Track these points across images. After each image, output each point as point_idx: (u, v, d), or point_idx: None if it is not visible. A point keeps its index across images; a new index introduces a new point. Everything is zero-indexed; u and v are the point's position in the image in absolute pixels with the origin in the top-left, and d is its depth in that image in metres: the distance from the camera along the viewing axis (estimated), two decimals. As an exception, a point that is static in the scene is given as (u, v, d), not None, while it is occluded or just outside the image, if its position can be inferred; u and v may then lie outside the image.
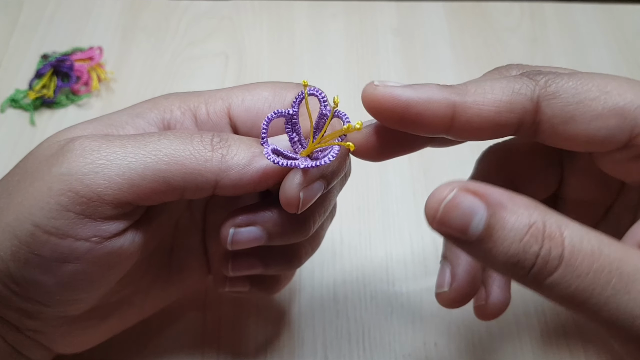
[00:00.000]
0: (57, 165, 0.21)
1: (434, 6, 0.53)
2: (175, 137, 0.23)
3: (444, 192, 0.18)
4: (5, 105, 0.44)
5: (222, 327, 0.34)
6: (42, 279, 0.22)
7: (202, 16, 0.51)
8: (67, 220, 0.21)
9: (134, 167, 0.21)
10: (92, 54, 0.46)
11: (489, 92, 0.21)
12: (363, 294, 0.36)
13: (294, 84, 0.27)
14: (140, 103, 0.26)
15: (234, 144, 0.23)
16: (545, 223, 0.18)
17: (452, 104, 0.21)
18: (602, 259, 0.18)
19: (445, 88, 0.22)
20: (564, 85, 0.21)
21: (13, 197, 0.22)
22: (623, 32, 0.51)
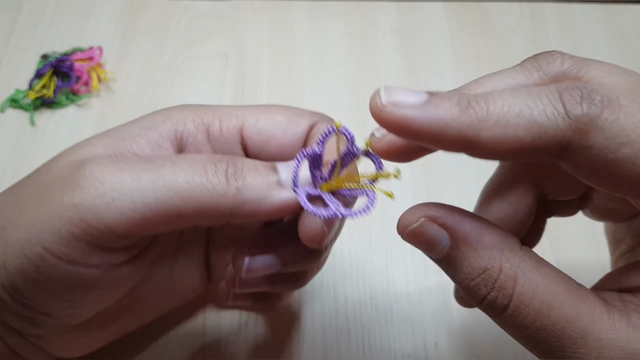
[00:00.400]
0: (69, 192, 0.21)
1: (434, 6, 0.53)
2: (190, 167, 0.22)
3: (411, 219, 0.20)
4: (5, 105, 0.44)
5: (222, 328, 0.35)
6: (48, 297, 0.23)
7: (202, 16, 0.51)
8: (77, 248, 0.21)
9: (147, 201, 0.21)
10: (92, 54, 0.46)
11: (511, 126, 0.18)
12: (363, 294, 0.36)
13: (307, 112, 0.26)
14: (153, 114, 0.26)
15: (249, 175, 0.22)
16: (502, 270, 0.19)
17: (466, 138, 0.18)
18: (548, 319, 0.18)
19: (462, 110, 0.18)
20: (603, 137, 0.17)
21: (23, 214, 0.22)
22: (623, 32, 0.51)
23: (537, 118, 0.18)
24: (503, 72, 0.22)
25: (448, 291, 0.36)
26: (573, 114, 0.17)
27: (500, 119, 0.18)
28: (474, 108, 0.18)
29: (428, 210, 0.20)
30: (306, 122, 0.26)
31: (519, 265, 0.19)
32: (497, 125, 0.18)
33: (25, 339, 0.25)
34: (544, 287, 0.19)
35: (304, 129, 0.26)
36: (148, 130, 0.25)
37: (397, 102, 0.19)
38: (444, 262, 0.20)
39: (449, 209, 0.20)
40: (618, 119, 0.17)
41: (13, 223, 0.22)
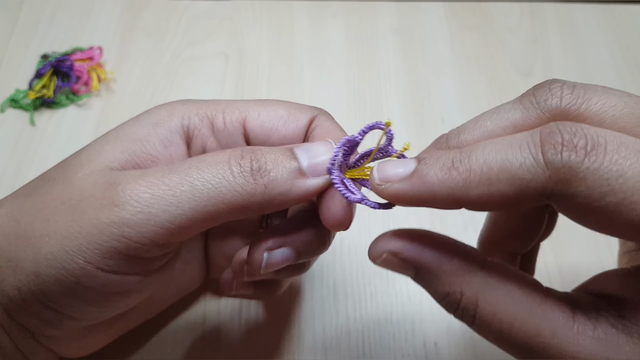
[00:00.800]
0: (106, 211, 0.22)
1: (434, 6, 0.53)
2: (216, 170, 0.22)
3: (375, 254, 0.22)
4: (5, 105, 0.44)
5: (222, 328, 0.35)
6: (83, 304, 0.24)
7: (202, 16, 0.51)
8: (119, 260, 0.22)
9: (183, 212, 0.22)
10: (92, 54, 0.46)
11: (494, 183, 0.18)
12: (363, 294, 0.36)
13: (307, 107, 0.27)
14: (156, 109, 0.26)
15: (273, 169, 0.23)
16: (463, 294, 0.20)
17: (456, 199, 0.19)
18: (509, 336, 0.19)
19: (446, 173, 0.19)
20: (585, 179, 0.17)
21: (53, 226, 0.22)
22: (623, 32, 0.51)
23: (517, 172, 0.18)
24: (501, 109, 0.22)
25: (448, 291, 0.36)
26: (553, 165, 0.17)
27: (483, 178, 0.18)
28: (457, 169, 0.19)
29: (389, 244, 0.21)
30: (306, 116, 0.27)
31: (479, 289, 0.20)
32: (481, 184, 0.19)
33: (36, 340, 0.25)
34: (504, 306, 0.20)
35: (304, 122, 0.27)
36: (157, 128, 0.26)
37: (388, 178, 0.20)
38: (416, 281, 0.22)
39: (411, 240, 0.21)
40: (601, 167, 0.17)
41: (42, 234, 0.22)
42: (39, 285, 0.22)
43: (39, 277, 0.22)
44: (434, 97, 0.47)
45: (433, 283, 0.21)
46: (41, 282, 0.22)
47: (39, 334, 0.25)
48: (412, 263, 0.21)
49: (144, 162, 0.25)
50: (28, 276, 0.22)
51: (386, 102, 0.46)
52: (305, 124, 0.27)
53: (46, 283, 0.22)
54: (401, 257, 0.21)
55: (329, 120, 0.27)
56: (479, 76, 0.48)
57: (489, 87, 0.47)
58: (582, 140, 0.17)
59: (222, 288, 0.30)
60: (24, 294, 0.23)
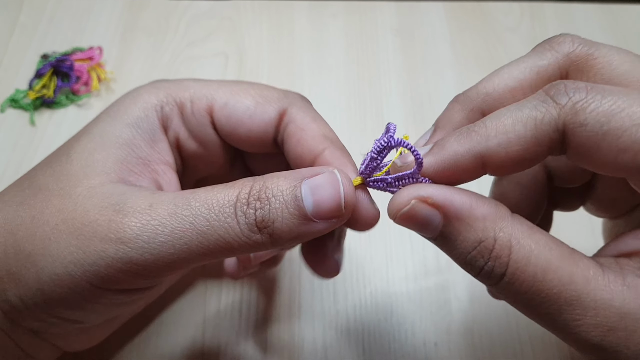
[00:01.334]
0: (114, 246, 0.22)
1: (434, 6, 0.53)
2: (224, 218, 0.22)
3: (401, 202, 0.21)
4: (5, 105, 0.44)
5: (222, 328, 0.35)
6: (90, 315, 0.24)
7: (202, 16, 0.51)
8: (127, 281, 0.22)
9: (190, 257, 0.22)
10: (92, 54, 0.46)
11: (511, 130, 0.20)
12: (363, 294, 0.36)
13: (276, 96, 0.27)
14: (127, 102, 0.26)
15: (277, 219, 0.22)
16: (497, 239, 0.20)
17: (479, 155, 0.20)
18: (543, 283, 0.19)
19: (464, 136, 0.21)
20: (593, 112, 0.19)
21: (54, 247, 0.22)
22: (623, 32, 0.51)
23: (531, 114, 0.20)
24: (518, 59, 0.24)
25: (448, 291, 0.36)
26: (562, 102, 0.20)
27: (500, 128, 0.20)
28: (474, 130, 0.20)
29: (417, 191, 0.21)
30: (274, 108, 0.26)
31: (512, 234, 0.20)
32: (499, 134, 0.20)
33: (40, 337, 0.26)
34: (537, 253, 0.19)
35: (272, 116, 0.26)
36: (139, 129, 0.26)
37: (408, 160, 0.22)
38: (438, 240, 0.21)
39: (438, 187, 0.21)
40: (602, 100, 0.19)
41: (43, 253, 0.22)
42: (44, 299, 0.23)
43: (44, 293, 0.22)
44: (434, 97, 0.47)
45: (463, 231, 0.20)
46: (47, 297, 0.23)
47: (42, 333, 0.25)
48: (443, 208, 0.20)
49: (136, 166, 0.25)
50: (31, 291, 0.23)
51: (386, 101, 0.46)
52: (273, 118, 0.26)
53: (52, 299, 0.23)
54: (431, 202, 0.20)
55: (301, 112, 0.26)
56: (479, 76, 0.48)
57: (489, 87, 0.47)
58: (582, 85, 0.20)
59: (230, 273, 0.31)
60: (28, 305, 0.23)
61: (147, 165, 0.26)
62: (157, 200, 0.22)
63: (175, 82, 0.27)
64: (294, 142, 0.26)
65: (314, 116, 0.27)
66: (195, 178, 0.30)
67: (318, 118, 0.27)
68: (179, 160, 0.29)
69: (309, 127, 0.26)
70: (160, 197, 0.22)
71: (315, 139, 0.25)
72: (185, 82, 0.27)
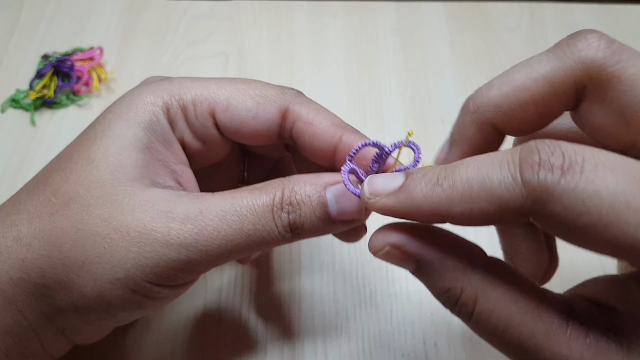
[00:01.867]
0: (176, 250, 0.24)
1: (434, 6, 0.53)
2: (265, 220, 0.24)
3: (376, 246, 0.22)
4: (5, 105, 0.44)
5: (222, 328, 0.35)
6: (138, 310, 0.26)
7: (202, 16, 0.51)
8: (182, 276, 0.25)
9: (236, 254, 0.25)
10: (92, 54, 0.46)
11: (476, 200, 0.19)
12: (363, 294, 0.36)
13: (276, 94, 0.28)
14: (135, 104, 0.27)
15: (307, 222, 0.25)
16: (463, 290, 0.20)
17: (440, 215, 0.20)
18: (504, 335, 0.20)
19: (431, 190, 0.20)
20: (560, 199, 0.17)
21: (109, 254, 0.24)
22: (623, 32, 0.51)
23: (496, 191, 0.18)
24: (532, 61, 0.22)
25: (448, 291, 0.36)
26: (530, 185, 0.17)
27: (465, 195, 0.19)
28: (441, 186, 0.19)
29: (391, 237, 0.22)
30: (276, 108, 0.27)
31: (479, 286, 0.20)
32: (463, 201, 0.19)
33: (64, 335, 0.26)
34: (502, 305, 0.20)
35: (274, 115, 0.27)
36: (154, 132, 0.27)
37: (377, 192, 0.21)
38: (416, 275, 0.22)
39: (413, 233, 0.21)
40: (577, 187, 0.17)
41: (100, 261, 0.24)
42: (104, 305, 0.24)
43: (103, 299, 0.24)
44: (434, 97, 0.47)
45: (433, 278, 0.21)
46: (106, 303, 0.24)
47: (70, 330, 0.26)
48: (414, 257, 0.21)
49: (160, 168, 0.27)
50: (89, 298, 0.24)
51: (386, 101, 0.46)
52: (275, 117, 0.27)
53: (112, 303, 0.24)
54: (403, 251, 0.21)
55: (303, 107, 0.27)
56: (479, 76, 0.48)
57: (488, 87, 0.47)
58: (559, 159, 0.17)
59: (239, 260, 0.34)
60: (82, 311, 0.24)
61: (167, 167, 0.27)
62: (205, 206, 0.24)
63: (174, 83, 0.28)
64: (308, 138, 0.27)
65: (317, 108, 0.27)
66: (196, 168, 0.30)
67: (321, 109, 0.27)
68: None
69: (316, 120, 0.27)
70: (205, 202, 0.25)
71: (327, 130, 0.27)
72: (184, 82, 0.28)
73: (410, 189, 0.20)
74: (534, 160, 0.18)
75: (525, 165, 0.18)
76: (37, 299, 0.24)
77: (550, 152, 0.18)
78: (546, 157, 0.17)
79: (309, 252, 0.38)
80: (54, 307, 0.24)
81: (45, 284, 0.24)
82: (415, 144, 0.24)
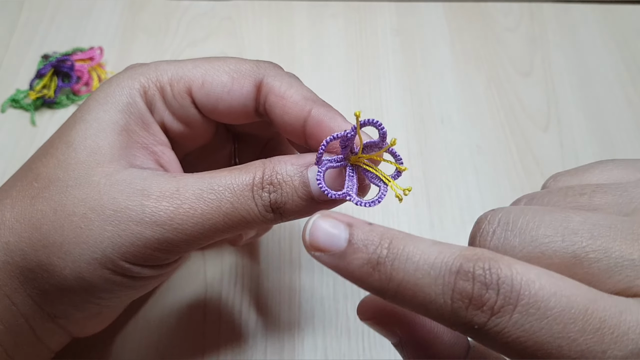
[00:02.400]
0: (151, 229, 0.24)
1: (434, 6, 0.53)
2: (244, 199, 0.24)
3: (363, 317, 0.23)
4: (6, 105, 0.44)
5: (222, 328, 0.35)
6: (122, 291, 0.26)
7: (202, 16, 0.51)
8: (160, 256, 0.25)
9: (215, 235, 0.25)
10: (92, 54, 0.46)
11: (407, 302, 0.19)
12: (363, 294, 0.36)
13: (249, 67, 0.27)
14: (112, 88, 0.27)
15: (289, 201, 0.25)
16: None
17: (378, 294, 0.19)
18: None
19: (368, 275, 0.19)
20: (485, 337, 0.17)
21: (86, 234, 0.24)
22: (623, 32, 0.51)
23: (428, 306, 0.18)
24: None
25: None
26: (458, 319, 0.17)
27: (399, 293, 0.18)
28: (379, 272, 0.19)
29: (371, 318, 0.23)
30: (250, 82, 0.27)
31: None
32: (396, 297, 0.19)
33: (57, 324, 0.26)
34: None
35: (249, 89, 0.27)
36: (131, 115, 0.27)
37: (318, 246, 0.20)
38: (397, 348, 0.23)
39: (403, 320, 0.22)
40: (503, 331, 0.17)
41: (77, 241, 0.24)
42: (85, 286, 0.24)
43: (84, 280, 0.24)
44: (434, 97, 0.47)
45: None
46: (87, 283, 0.24)
47: (61, 318, 0.26)
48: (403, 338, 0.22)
49: (138, 150, 0.27)
50: (69, 279, 0.24)
51: (386, 101, 0.46)
52: (251, 91, 0.27)
53: (93, 283, 0.24)
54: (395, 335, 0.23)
55: (277, 81, 0.27)
56: (479, 76, 0.48)
57: (488, 87, 0.48)
58: (492, 297, 0.17)
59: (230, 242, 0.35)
60: (65, 292, 0.24)
61: (146, 149, 0.27)
62: (182, 184, 0.24)
63: (151, 66, 0.28)
64: (279, 111, 0.26)
65: (290, 81, 0.27)
66: (183, 153, 0.30)
67: (294, 82, 0.27)
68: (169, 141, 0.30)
69: (288, 94, 0.26)
70: (182, 181, 0.24)
71: (297, 103, 0.26)
72: (161, 64, 0.28)
73: (349, 261, 0.19)
74: (466, 291, 0.17)
75: (457, 295, 0.17)
76: (23, 283, 0.24)
77: (485, 283, 0.17)
78: (479, 291, 0.17)
79: (309, 252, 0.38)
80: (40, 290, 0.24)
81: (28, 266, 0.24)
82: (373, 120, 0.22)
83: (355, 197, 0.23)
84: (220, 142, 0.32)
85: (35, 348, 0.26)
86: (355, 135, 0.23)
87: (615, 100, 0.47)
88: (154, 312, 0.35)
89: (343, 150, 0.24)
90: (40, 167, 0.25)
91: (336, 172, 0.25)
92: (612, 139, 0.45)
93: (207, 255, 0.37)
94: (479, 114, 0.46)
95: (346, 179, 0.24)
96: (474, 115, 0.46)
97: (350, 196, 0.23)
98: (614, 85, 0.48)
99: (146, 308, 0.35)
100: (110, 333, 0.34)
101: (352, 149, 0.24)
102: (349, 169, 0.24)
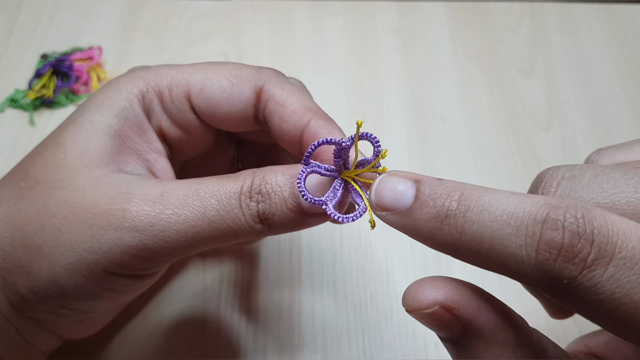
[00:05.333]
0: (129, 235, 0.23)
1: (434, 6, 0.53)
2: (231, 208, 0.23)
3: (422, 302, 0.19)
4: (4, 105, 0.44)
5: (222, 328, 0.34)
6: (101, 303, 0.25)
7: (202, 16, 0.51)
8: (140, 265, 0.23)
9: (200, 244, 0.23)
10: (91, 54, 0.46)
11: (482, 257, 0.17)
12: (363, 295, 0.36)
13: (250, 74, 0.27)
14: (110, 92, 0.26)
15: (277, 212, 0.23)
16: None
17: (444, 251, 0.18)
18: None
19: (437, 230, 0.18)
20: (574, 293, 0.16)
21: (65, 237, 0.23)
22: (623, 32, 0.51)
23: (506, 260, 0.16)
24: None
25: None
26: (544, 272, 0.16)
27: (472, 248, 0.17)
28: (449, 226, 0.18)
29: (443, 295, 0.19)
30: (250, 87, 0.27)
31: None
32: (469, 252, 0.17)
33: (43, 327, 0.26)
34: None
35: (248, 95, 0.26)
36: (126, 119, 0.26)
37: (384, 206, 0.19)
38: (449, 343, 0.19)
39: (466, 295, 0.19)
40: (596, 285, 0.15)
41: (55, 244, 0.23)
42: (58, 290, 0.23)
43: (57, 284, 0.23)
44: (434, 97, 0.47)
45: (479, 350, 0.18)
46: (59, 288, 0.23)
47: (46, 323, 0.26)
48: (466, 323, 0.18)
49: (130, 156, 0.26)
50: (44, 283, 0.23)
51: (386, 101, 0.46)
52: (250, 97, 0.26)
53: (65, 289, 0.23)
54: (456, 314, 0.18)
55: (278, 88, 0.26)
56: (479, 76, 0.48)
57: (489, 86, 0.47)
58: (585, 249, 0.15)
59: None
60: (40, 297, 0.24)
61: (139, 155, 0.26)
62: (167, 190, 0.23)
63: (152, 70, 0.27)
64: (277, 119, 0.26)
65: (291, 89, 0.26)
66: (182, 160, 0.30)
67: (296, 91, 0.26)
68: (167, 147, 0.29)
69: (288, 102, 0.26)
70: (168, 186, 0.23)
71: (297, 112, 0.25)
72: (162, 68, 0.27)
73: (416, 217, 0.18)
74: (555, 243, 0.15)
75: (544, 247, 0.16)
76: (2, 285, 0.24)
77: (578, 234, 0.15)
78: (569, 240, 0.15)
79: (310, 253, 0.38)
80: (18, 295, 0.24)
81: (7, 267, 0.23)
82: (371, 135, 0.21)
83: (331, 208, 0.22)
84: (222, 149, 0.31)
85: (25, 350, 0.26)
86: (351, 146, 0.22)
87: (617, 100, 0.47)
88: (153, 316, 0.35)
89: (335, 161, 0.22)
90: (29, 167, 0.25)
91: (324, 182, 0.23)
92: (614, 138, 0.45)
93: (207, 260, 0.37)
94: (480, 114, 0.46)
95: (330, 189, 0.23)
96: (474, 115, 0.46)
97: (326, 205, 0.22)
98: (616, 85, 0.48)
99: (145, 312, 0.35)
100: (108, 336, 0.33)
101: (345, 162, 0.23)
102: (338, 181, 0.23)
